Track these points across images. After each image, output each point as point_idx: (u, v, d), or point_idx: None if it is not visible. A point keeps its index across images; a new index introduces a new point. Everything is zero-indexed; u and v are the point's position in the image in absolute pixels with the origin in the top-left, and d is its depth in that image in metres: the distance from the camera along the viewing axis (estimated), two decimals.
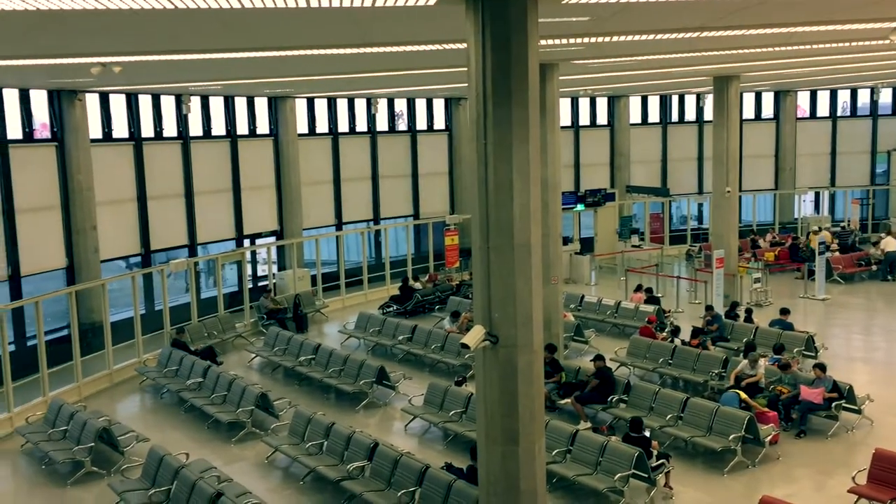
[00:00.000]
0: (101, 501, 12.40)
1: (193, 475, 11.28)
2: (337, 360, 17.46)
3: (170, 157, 23.07)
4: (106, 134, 21.56)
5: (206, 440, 14.76)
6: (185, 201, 23.44)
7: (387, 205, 28.92)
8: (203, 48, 12.76)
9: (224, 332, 20.85)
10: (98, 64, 13.31)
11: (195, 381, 16.56)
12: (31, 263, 19.47)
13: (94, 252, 20.59)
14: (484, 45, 8.31)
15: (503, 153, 8.42)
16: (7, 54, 12.88)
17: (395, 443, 13.32)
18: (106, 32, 10.52)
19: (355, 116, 28.01)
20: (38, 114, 20.04)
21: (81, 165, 20.30)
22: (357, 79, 20.02)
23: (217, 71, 16.95)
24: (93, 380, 17.70)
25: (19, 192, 19.09)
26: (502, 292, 8.61)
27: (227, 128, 24.70)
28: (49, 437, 14.06)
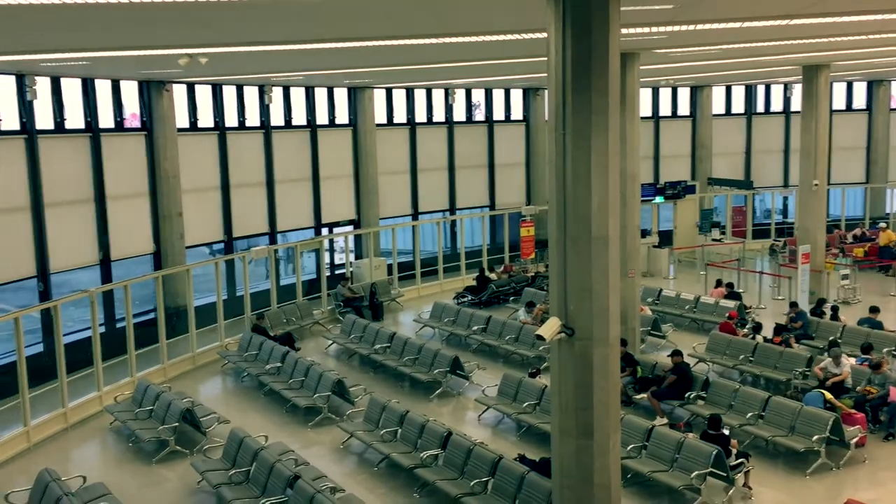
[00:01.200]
0: (184, 479, 12.82)
1: (272, 457, 11.56)
2: (411, 348, 17.60)
3: (252, 147, 23.60)
4: (192, 123, 22.18)
5: (284, 424, 15.09)
6: (266, 190, 23.95)
7: (463, 195, 28.96)
8: (285, 39, 12.98)
9: (302, 319, 21.26)
10: (186, 55, 13.69)
11: (274, 366, 16.94)
12: (120, 248, 20.22)
13: (180, 238, 21.25)
14: (564, 34, 8.22)
15: (582, 143, 8.33)
16: (100, 46, 13.37)
17: (468, 432, 13.37)
18: (194, 24, 10.80)
19: (433, 107, 28.10)
20: (129, 104, 20.75)
21: (168, 154, 20.95)
22: (436, 69, 20.07)
23: (299, 61, 17.23)
24: (177, 362, 18.29)
25: (110, 179, 19.82)
26: (579, 284, 8.53)
27: (308, 118, 25.10)
28: (136, 415, 14.60)
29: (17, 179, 17.84)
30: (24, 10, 8.85)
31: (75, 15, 9.54)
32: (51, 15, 9.38)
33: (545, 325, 8.60)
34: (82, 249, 19.45)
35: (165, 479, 13.01)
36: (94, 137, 19.56)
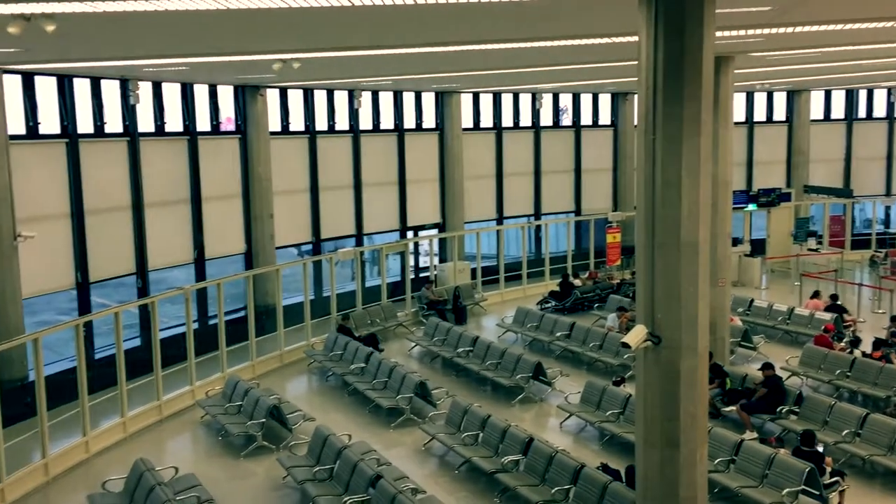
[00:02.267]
0: (270, 474, 13.14)
1: (355, 456, 11.73)
2: (494, 353, 17.58)
3: (341, 150, 24.04)
4: (284, 127, 22.74)
5: (367, 423, 15.28)
6: (353, 193, 24.35)
7: (548, 200, 28.78)
8: (375, 45, 13.18)
9: (386, 321, 21.50)
10: (279, 60, 14.06)
11: (358, 367, 17.19)
12: (214, 248, 20.90)
13: (270, 239, 21.82)
14: (656, 37, 8.08)
15: (672, 148, 8.17)
16: (199, 52, 13.86)
17: (550, 439, 13.27)
18: (288, 30, 11.08)
19: (519, 111, 28.04)
20: (224, 108, 21.43)
21: (261, 157, 21.55)
22: (524, 73, 20.03)
23: (388, 66, 17.46)
24: (265, 359, 18.75)
25: (206, 181, 20.51)
26: (666, 292, 8.36)
27: (396, 122, 25.41)
28: (226, 410, 15.03)
29: (119, 180, 18.65)
30: (130, 17, 9.25)
31: (177, 22, 9.90)
32: (154, 22, 9.78)
33: (631, 332, 8.46)
34: (178, 248, 20.19)
35: (252, 473, 13.36)
36: (191, 140, 20.28)
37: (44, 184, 17.12)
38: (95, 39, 12.26)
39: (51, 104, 17.27)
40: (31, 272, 16.35)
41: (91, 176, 17.85)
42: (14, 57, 13.96)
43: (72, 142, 17.53)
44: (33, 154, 16.94)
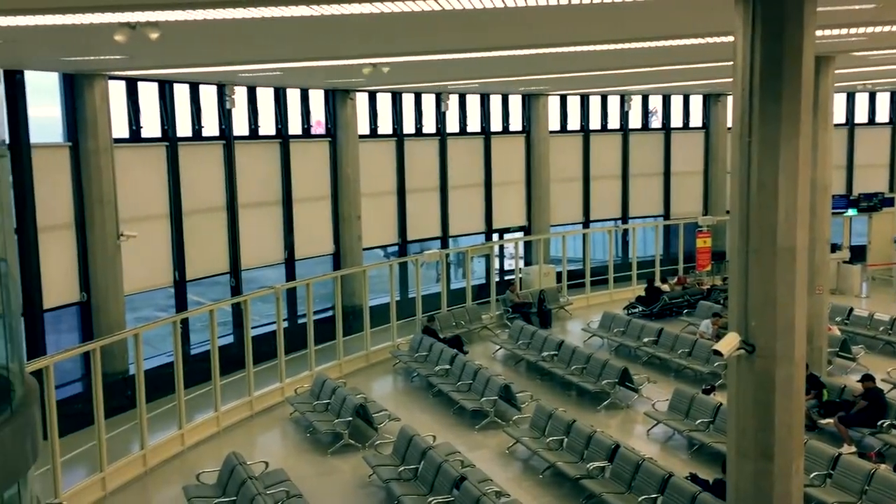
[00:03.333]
0: (356, 472, 13.35)
1: (439, 457, 11.81)
2: (580, 357, 17.42)
3: (428, 153, 24.22)
4: (372, 130, 23.09)
5: (451, 425, 15.36)
6: (439, 195, 24.51)
7: (636, 203, 28.32)
8: (464, 48, 13.25)
9: (471, 323, 21.56)
10: (370, 65, 14.29)
11: (443, 368, 17.29)
12: (304, 248, 21.39)
13: (358, 240, 22.18)
14: (753, 37, 7.87)
15: (769, 151, 7.94)
16: (292, 57, 14.21)
17: (636, 446, 13.06)
18: (379, 35, 11.26)
19: (608, 113, 27.69)
20: (315, 111, 21.90)
21: (350, 159, 21.93)
22: (612, 76, 19.78)
23: (475, 70, 17.52)
24: (352, 359, 19.06)
25: (297, 182, 21.02)
26: (761, 299, 8.12)
27: (482, 125, 25.45)
28: (314, 408, 15.35)
29: (215, 182, 19.28)
30: (228, 24, 9.57)
31: (272, 28, 10.19)
32: (251, 28, 10.09)
33: (723, 340, 8.26)
34: (270, 249, 20.74)
35: (339, 470, 13.60)
36: (283, 143, 20.80)
37: (145, 185, 17.84)
38: (195, 46, 12.74)
39: (152, 109, 18.00)
40: (133, 270, 17.07)
41: (189, 178, 18.52)
42: (119, 64, 14.61)
43: (171, 145, 18.22)
44: (136, 157, 17.68)
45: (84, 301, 16.52)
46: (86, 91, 16.01)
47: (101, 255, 16.40)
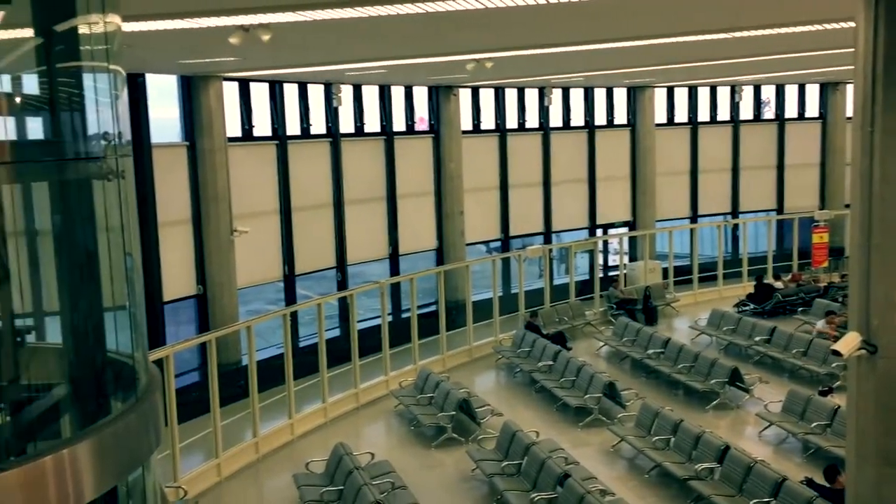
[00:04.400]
0: (459, 466, 13.44)
1: (543, 453, 11.75)
2: (687, 356, 16.99)
3: (531, 148, 24.11)
4: (475, 126, 23.16)
5: (554, 421, 15.26)
6: (542, 190, 24.37)
7: (747, 197, 27.39)
8: (569, 41, 13.12)
9: (574, 319, 21.35)
10: (473, 61, 14.34)
11: (546, 364, 17.19)
12: (407, 244, 21.68)
13: (461, 235, 22.31)
14: (877, 21, 7.46)
15: (893, 142, 7.52)
16: (398, 55, 14.40)
17: (747, 448, 12.63)
18: (484, 30, 11.28)
19: (717, 105, 26.88)
20: (419, 108, 22.13)
21: (453, 155, 22.07)
22: (723, 66, 19.18)
23: (580, 63, 17.32)
24: (455, 353, 19.18)
25: (401, 179, 21.32)
26: (884, 296, 7.70)
27: (586, 118, 25.15)
28: (418, 401, 15.53)
29: (323, 179, 19.78)
30: (337, 24, 9.78)
31: (378, 27, 10.35)
32: (358, 28, 10.28)
33: (843, 339, 7.88)
34: (375, 244, 21.12)
35: (442, 464, 13.73)
36: (388, 140, 21.12)
37: (256, 183, 18.47)
38: (305, 47, 13.08)
39: (263, 108, 18.60)
40: (245, 265, 17.70)
41: (297, 175, 19.06)
42: (233, 65, 15.17)
43: (281, 143, 18.79)
44: (248, 155, 18.31)
45: (200, 294, 17.25)
46: (202, 92, 16.70)
47: (216, 250, 17.09)
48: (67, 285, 4.06)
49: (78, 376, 4.12)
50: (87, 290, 4.11)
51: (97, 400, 4.14)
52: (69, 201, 4.01)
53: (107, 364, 4.25)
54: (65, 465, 3.45)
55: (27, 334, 4.08)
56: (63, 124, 3.99)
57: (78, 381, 4.10)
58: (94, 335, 4.21)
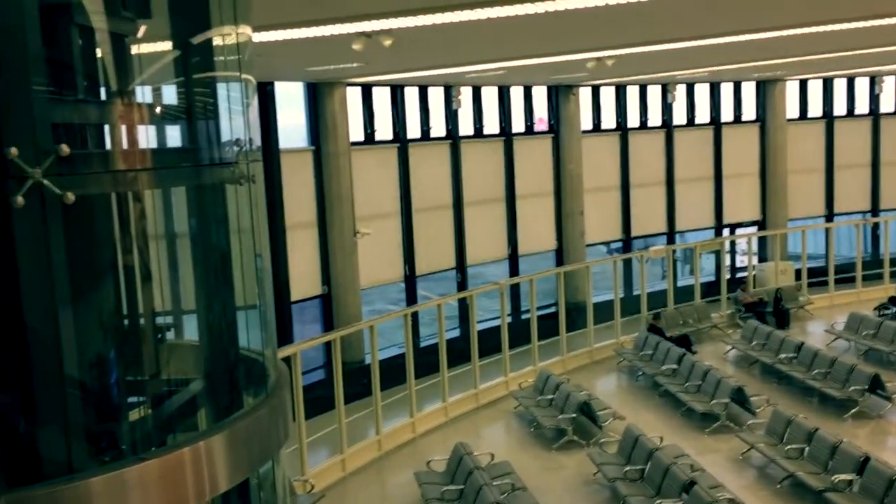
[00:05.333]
0: (580, 469, 13.28)
1: (667, 459, 11.45)
2: (822, 361, 16.16)
3: (653, 146, 23.57)
4: (595, 125, 22.83)
5: (679, 427, 14.84)
6: (665, 189, 23.76)
7: (889, 194, 25.78)
8: (695, 35, 12.73)
9: (699, 322, 20.70)
10: (594, 59, 14.13)
11: (670, 367, 16.74)
12: (527, 244, 21.61)
13: (581, 236, 22.05)
14: None
15: None
16: (517, 55, 14.38)
17: (890, 460, 11.88)
18: (606, 27, 11.10)
19: (854, 97, 25.45)
20: (538, 108, 22.01)
21: (573, 155, 21.85)
22: (866, 55, 18.12)
23: (705, 58, 16.78)
24: (575, 355, 18.96)
25: (520, 179, 21.28)
26: None
27: (711, 114, 24.35)
28: (537, 403, 15.45)
29: (443, 180, 19.99)
30: (457, 27, 9.86)
31: (498, 28, 10.36)
32: (478, 30, 10.33)
33: None
34: (494, 245, 21.16)
35: (563, 466, 13.60)
36: (507, 141, 21.12)
37: (378, 185, 18.86)
38: (425, 50, 13.25)
39: (385, 112, 18.98)
40: (367, 265, 18.11)
41: (418, 177, 19.34)
42: (356, 71, 15.54)
43: (402, 146, 19.12)
44: (370, 158, 18.73)
45: (325, 294, 17.77)
46: (326, 98, 17.21)
47: (340, 251, 17.56)
48: (203, 285, 4.25)
49: (213, 372, 4.31)
50: (221, 290, 4.30)
51: (230, 395, 4.31)
52: (204, 205, 4.20)
53: (239, 361, 4.42)
54: (201, 456, 3.62)
55: (167, 332, 4.31)
56: (199, 132, 4.18)
57: (213, 376, 4.29)
58: (227, 333, 4.39)
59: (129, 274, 3.84)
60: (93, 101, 3.68)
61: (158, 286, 4.06)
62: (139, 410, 3.89)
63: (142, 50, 3.98)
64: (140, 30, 3.88)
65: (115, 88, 3.71)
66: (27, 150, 3.01)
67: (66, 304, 3.22)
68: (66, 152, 3.07)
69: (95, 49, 3.63)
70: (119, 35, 3.68)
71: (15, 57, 3.11)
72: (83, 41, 3.51)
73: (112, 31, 3.67)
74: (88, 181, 3.38)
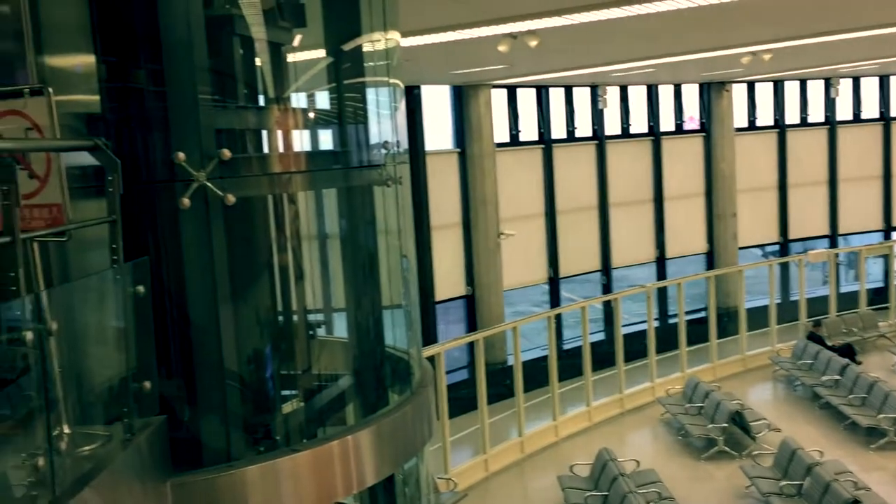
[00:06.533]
0: (731, 481, 12.73)
1: (828, 475, 10.79)
2: None
3: (814, 143, 22.31)
4: (750, 122, 21.85)
5: (841, 441, 13.95)
6: (827, 189, 22.43)
7: None
8: (861, 26, 11.95)
9: (865, 331, 19.37)
10: (749, 54, 13.53)
11: (831, 378, 15.77)
12: (675, 247, 20.96)
13: (733, 238, 21.16)
14: None
15: None
16: (666, 52, 13.98)
17: None
18: (764, 20, 10.60)
19: None
20: (688, 106, 21.32)
21: (725, 154, 21.01)
22: None
23: (875, 49, 15.70)
24: (726, 363, 18.20)
25: (669, 180, 20.68)
26: None
27: (881, 109, 22.76)
28: (686, 411, 14.95)
29: (587, 182, 19.73)
30: (604, 26, 9.70)
31: (648, 25, 10.11)
32: (626, 28, 10.11)
33: None
34: (641, 247, 20.67)
35: (712, 477, 13.09)
36: (655, 140, 20.58)
37: (522, 186, 18.84)
38: (571, 51, 13.12)
39: (529, 113, 18.94)
40: (511, 267, 18.13)
41: (562, 178, 19.18)
42: (501, 73, 15.59)
43: (546, 147, 19.01)
44: (514, 159, 18.74)
45: (469, 295, 17.93)
46: (471, 101, 17.38)
47: (484, 252, 17.68)
48: (351, 285, 4.38)
49: (360, 369, 4.43)
50: (369, 290, 4.41)
51: (377, 391, 4.42)
52: (353, 206, 4.33)
53: (385, 359, 4.53)
54: (349, 450, 3.72)
55: (318, 328, 4.46)
56: (349, 135, 4.31)
57: (360, 373, 4.41)
58: (374, 331, 4.50)
59: (283, 273, 4.01)
60: (252, 108, 3.88)
61: (310, 285, 4.21)
62: (292, 404, 4.06)
63: (297, 57, 4.15)
64: (296, 38, 4.04)
65: (272, 95, 3.89)
66: (193, 154, 3.20)
67: (226, 300, 3.39)
68: (228, 156, 3.24)
69: (255, 58, 3.82)
70: (276, 44, 3.85)
71: (183, 69, 3.31)
72: (244, 51, 3.69)
73: (270, 41, 3.84)
74: (247, 183, 3.55)
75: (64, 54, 3.46)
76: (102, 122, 3.38)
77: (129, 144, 3.33)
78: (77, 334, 2.85)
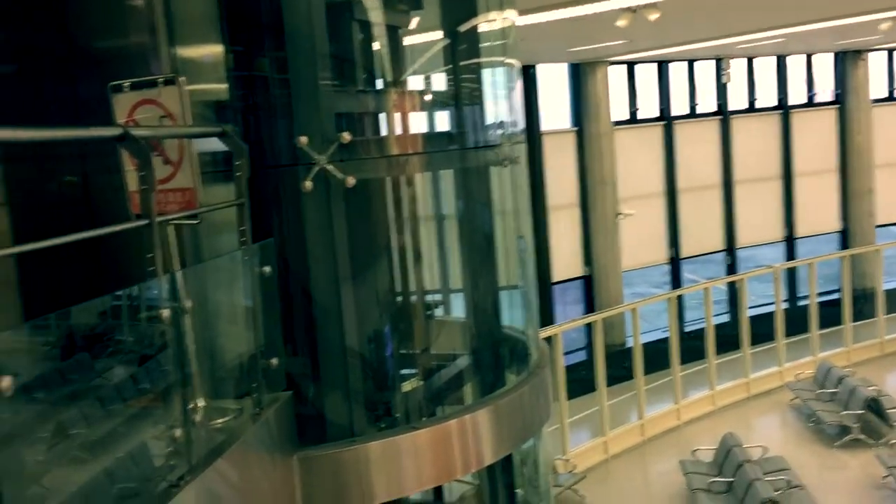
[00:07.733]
0: (866, 470, 12.10)
1: None
2: None
3: None
4: (890, 92, 20.53)
5: None
6: None
7: None
8: None
9: None
10: (888, 19, 12.70)
11: None
12: (806, 225, 20.00)
13: (869, 216, 20.01)
14: None
15: None
16: (797, 21, 13.29)
17: None
18: None
19: None
20: (820, 77, 20.23)
21: (861, 127, 19.83)
22: None
23: None
24: (862, 347, 17.26)
25: (798, 155, 19.72)
26: None
27: None
28: (817, 396, 14.29)
29: (710, 159, 19.06)
30: None
31: None
32: None
33: None
34: (768, 226, 19.83)
35: (846, 466, 12.49)
36: (783, 114, 19.65)
37: (641, 165, 18.40)
38: (694, 22, 12.66)
39: (649, 90, 18.44)
40: (630, 247, 17.78)
41: (684, 156, 18.60)
42: (618, 49, 15.23)
43: (667, 124, 18.48)
44: (633, 138, 18.31)
45: (587, 275, 17.72)
46: (589, 78, 17.07)
47: (602, 232, 17.40)
48: (469, 265, 4.40)
49: (478, 349, 4.46)
50: (486, 270, 4.42)
51: (494, 371, 4.44)
52: (470, 187, 4.34)
53: (503, 339, 4.54)
54: (467, 429, 3.77)
55: (436, 309, 4.52)
56: (465, 116, 4.33)
57: (478, 353, 4.44)
58: (491, 312, 4.52)
59: (401, 254, 4.08)
60: (370, 91, 3.94)
61: (428, 266, 4.27)
62: (411, 382, 4.13)
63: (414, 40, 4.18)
64: (412, 21, 4.08)
65: (390, 78, 3.95)
66: (315, 138, 3.30)
67: (347, 281, 3.48)
68: (348, 139, 3.32)
69: (373, 42, 3.88)
70: (394, 27, 3.90)
71: (305, 56, 3.40)
72: (362, 35, 3.76)
73: (388, 24, 3.89)
74: (366, 166, 3.63)
75: (194, 45, 3.62)
76: (230, 110, 3.52)
77: (255, 130, 3.45)
78: (209, 313, 2.99)
